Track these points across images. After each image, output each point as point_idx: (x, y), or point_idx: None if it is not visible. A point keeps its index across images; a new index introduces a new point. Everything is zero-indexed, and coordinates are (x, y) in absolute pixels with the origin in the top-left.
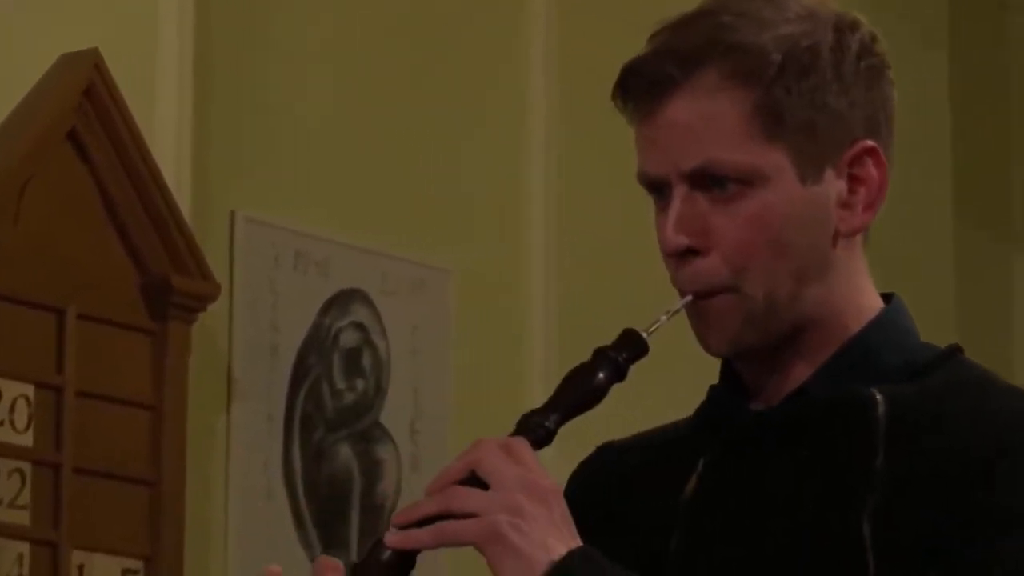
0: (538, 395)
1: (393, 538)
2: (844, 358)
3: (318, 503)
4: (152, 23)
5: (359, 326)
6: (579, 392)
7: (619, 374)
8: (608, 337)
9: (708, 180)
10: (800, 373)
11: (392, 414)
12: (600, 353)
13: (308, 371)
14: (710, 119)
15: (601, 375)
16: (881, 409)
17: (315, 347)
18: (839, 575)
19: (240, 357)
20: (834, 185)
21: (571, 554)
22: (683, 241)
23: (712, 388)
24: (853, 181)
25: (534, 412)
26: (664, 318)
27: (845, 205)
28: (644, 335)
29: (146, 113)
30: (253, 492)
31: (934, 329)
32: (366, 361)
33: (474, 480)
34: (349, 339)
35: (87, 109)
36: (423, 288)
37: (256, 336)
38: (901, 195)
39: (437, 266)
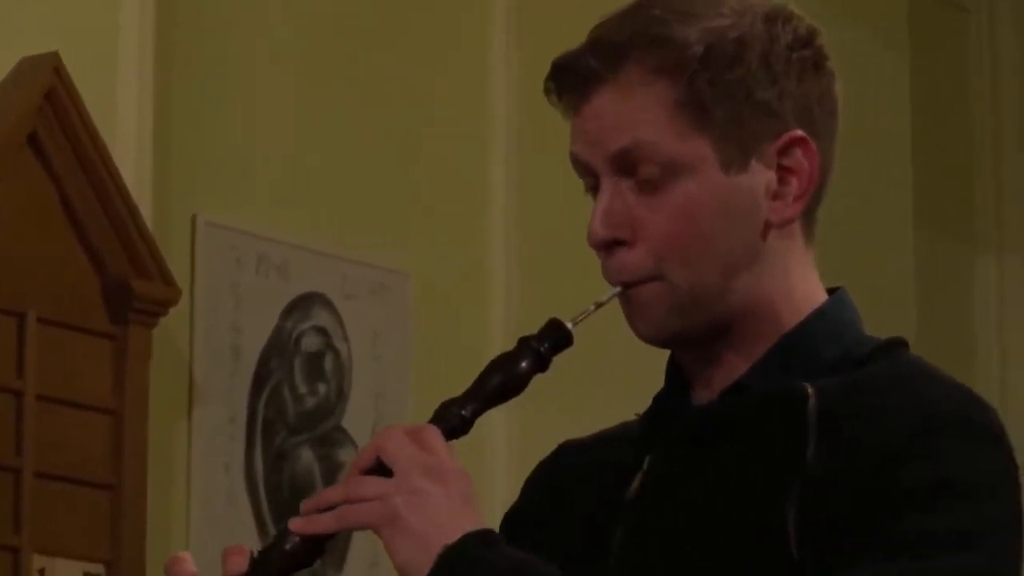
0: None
1: (297, 523)
2: (780, 352)
3: (280, 507)
4: (113, 26)
5: (321, 330)
6: (500, 381)
7: (541, 364)
8: (578, 344)
9: (633, 169)
10: (737, 366)
11: (354, 418)
12: (523, 342)
13: (270, 375)
14: (635, 111)
15: (523, 364)
16: (812, 402)
17: (277, 351)
18: (766, 567)
19: (201, 361)
20: (762, 175)
21: (466, 536)
22: (607, 234)
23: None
24: (783, 171)
25: (453, 401)
26: (592, 308)
27: (775, 196)
28: (569, 325)
29: (107, 117)
30: (215, 496)
31: (895, 331)
32: (328, 365)
33: (382, 468)
34: (311, 343)
35: (47, 113)
36: (384, 291)
37: (217, 340)
38: (861, 197)
39: (398, 269)
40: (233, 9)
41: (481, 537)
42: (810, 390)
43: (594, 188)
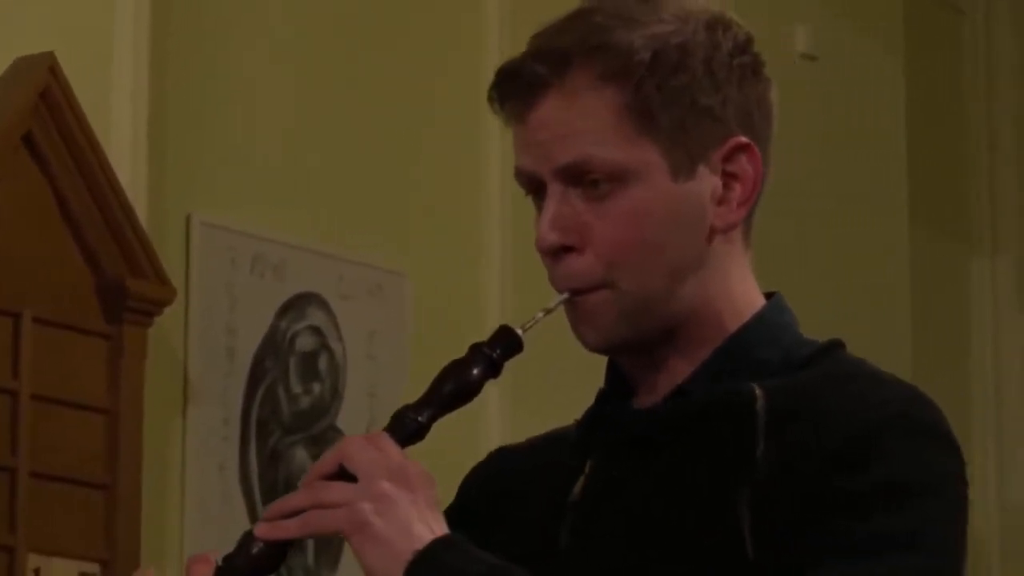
0: (493, 397)
1: (262, 528)
2: (723, 355)
3: None
4: (108, 26)
5: (316, 330)
6: (453, 388)
7: (494, 370)
8: (566, 341)
9: (581, 178)
10: (681, 370)
11: (349, 418)
12: (475, 349)
13: (264, 375)
14: (582, 118)
15: (475, 371)
16: (760, 403)
17: (271, 351)
18: (721, 565)
19: (196, 361)
20: (708, 181)
21: (435, 541)
22: (556, 239)
23: (601, 390)
24: (728, 177)
25: (408, 407)
26: (540, 315)
27: (720, 201)
28: (519, 332)
29: (102, 116)
30: (209, 495)
31: (891, 333)
32: (322, 365)
33: (344, 475)
34: (306, 343)
35: (43, 112)
36: (380, 292)
37: (212, 340)
38: (857, 197)
39: (394, 270)
40: (229, 8)
41: (450, 542)
42: (758, 391)
43: (537, 194)
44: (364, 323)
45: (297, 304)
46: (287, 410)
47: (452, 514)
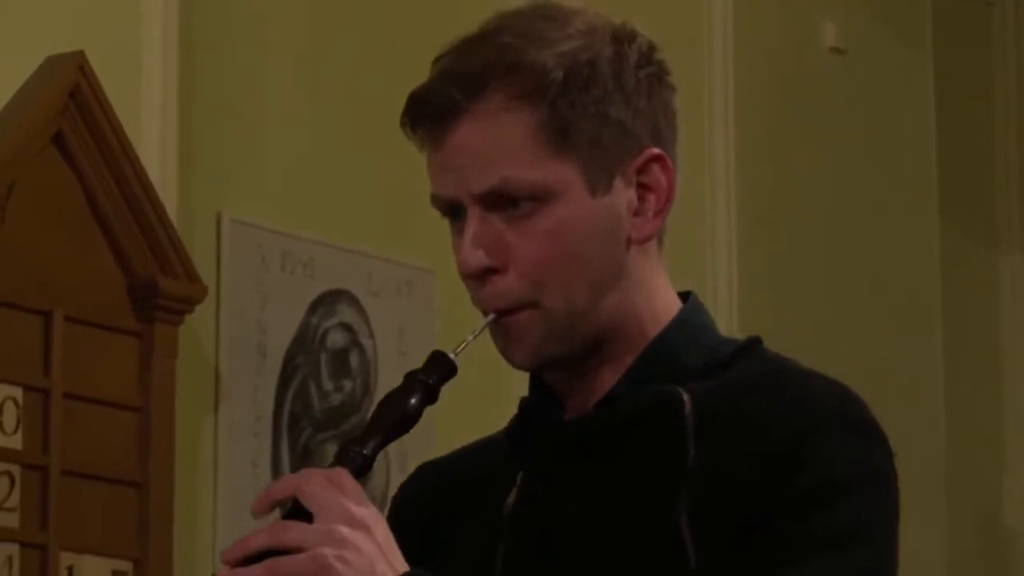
0: (523, 392)
1: (225, 573)
2: (647, 361)
3: None
4: (137, 25)
5: (346, 327)
6: (394, 417)
7: (431, 396)
8: None
9: (501, 200)
10: (607, 379)
11: None
12: (411, 377)
13: (295, 372)
14: (498, 140)
15: (413, 400)
16: (688, 407)
17: (302, 348)
18: (662, 572)
19: (227, 358)
20: (624, 194)
21: None
22: (482, 261)
23: (523, 400)
24: (642, 189)
25: (352, 441)
26: (470, 338)
27: (637, 213)
28: (452, 356)
29: (132, 115)
30: (241, 492)
31: (921, 329)
32: (353, 361)
33: (299, 509)
34: (336, 340)
35: (72, 112)
36: (410, 288)
37: (243, 337)
38: (886, 193)
39: (423, 267)
40: (256, 7)
41: None
42: (685, 396)
43: (454, 216)
44: (394, 319)
45: (327, 301)
46: (318, 407)
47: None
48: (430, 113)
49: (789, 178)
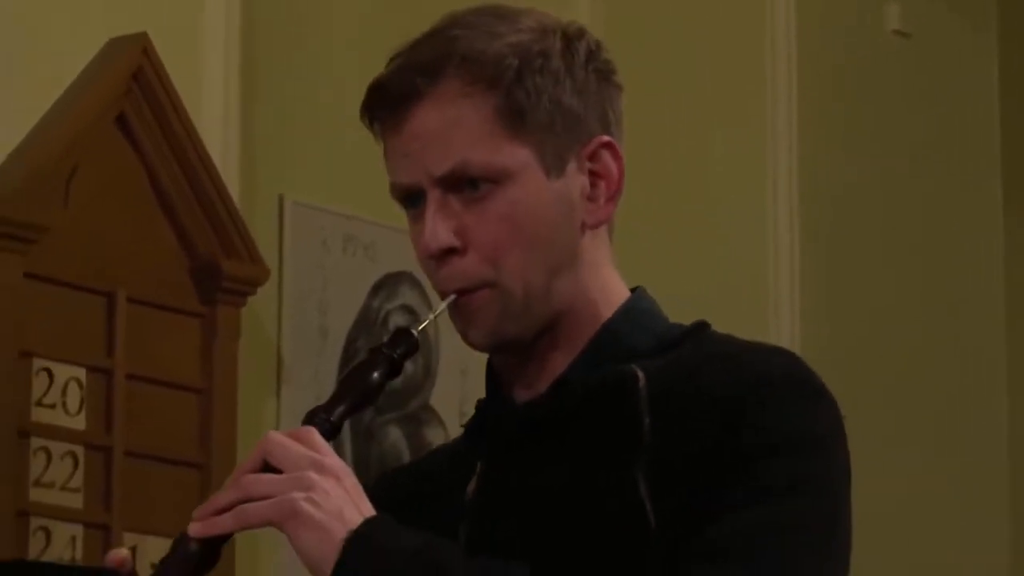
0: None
1: (195, 526)
2: (599, 344)
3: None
4: (199, 7)
5: (408, 309)
6: (359, 389)
7: (395, 370)
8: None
9: (460, 182)
10: (559, 362)
11: (441, 396)
12: (375, 351)
13: (357, 354)
14: (455, 125)
15: (376, 373)
16: (642, 382)
17: (364, 330)
18: (623, 539)
19: (289, 340)
20: (577, 179)
21: (367, 521)
22: (444, 242)
23: (480, 400)
24: (593, 175)
25: (319, 407)
26: (431, 317)
27: (589, 198)
28: (415, 332)
29: (194, 97)
30: None
31: (984, 314)
32: None
33: (268, 470)
34: (398, 321)
35: (135, 93)
36: None
37: (305, 319)
38: (949, 182)
39: None
40: None
41: (382, 521)
42: (639, 372)
43: (412, 202)
44: None
45: (389, 283)
46: None
47: None
48: (389, 100)
49: (852, 162)
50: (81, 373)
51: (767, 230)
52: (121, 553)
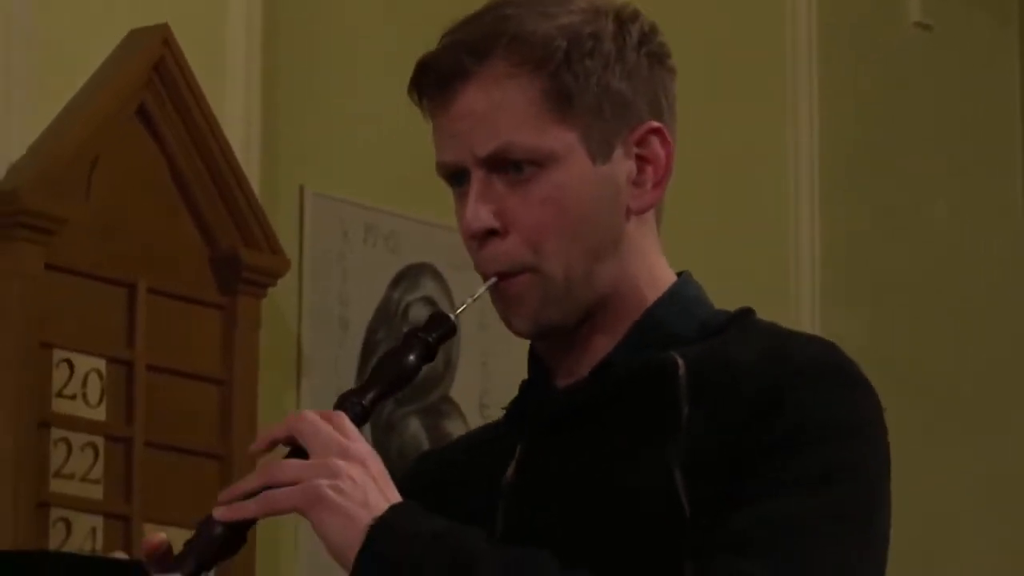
0: None
1: (221, 511)
2: (641, 329)
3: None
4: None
5: (429, 300)
6: (393, 372)
7: (429, 354)
8: None
9: (504, 163)
10: (602, 347)
11: (461, 388)
12: (411, 335)
13: (377, 345)
14: (502, 105)
15: (412, 356)
16: (682, 370)
17: (384, 321)
18: (658, 527)
19: (309, 331)
20: (623, 165)
21: (392, 508)
22: (485, 222)
23: (524, 381)
24: (641, 161)
25: (352, 391)
26: (470, 300)
27: (636, 183)
28: (452, 317)
29: (215, 88)
30: None
31: (1007, 302)
32: None
33: (296, 452)
34: (419, 313)
35: (157, 85)
36: None
37: (325, 310)
38: (971, 173)
39: None
40: None
41: (407, 507)
42: (679, 359)
43: (457, 182)
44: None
45: (410, 275)
46: None
47: None
48: (437, 78)
49: (873, 152)
50: (101, 364)
51: (787, 220)
52: (159, 536)
